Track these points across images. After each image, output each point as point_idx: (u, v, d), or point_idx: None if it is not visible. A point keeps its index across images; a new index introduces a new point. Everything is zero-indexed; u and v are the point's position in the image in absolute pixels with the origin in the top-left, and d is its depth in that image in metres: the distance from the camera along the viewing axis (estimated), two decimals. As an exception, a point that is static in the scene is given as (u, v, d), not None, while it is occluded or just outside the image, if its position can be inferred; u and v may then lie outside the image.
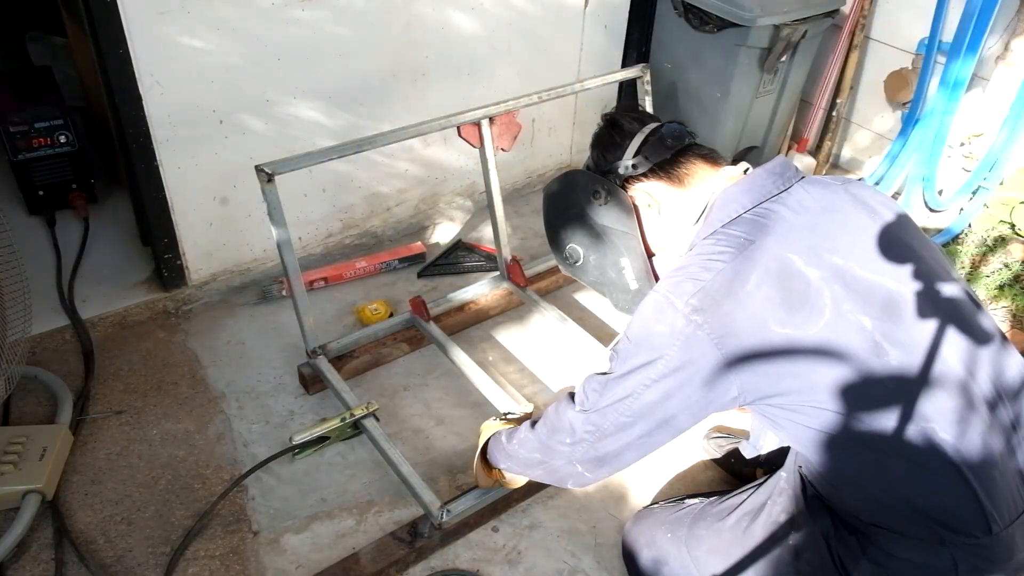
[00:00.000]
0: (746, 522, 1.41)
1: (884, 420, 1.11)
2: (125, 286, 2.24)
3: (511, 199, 2.79)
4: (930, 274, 1.19)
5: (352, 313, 2.27)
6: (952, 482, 1.12)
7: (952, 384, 1.13)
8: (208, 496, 1.72)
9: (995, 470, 1.13)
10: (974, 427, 1.12)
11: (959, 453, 1.11)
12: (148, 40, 1.83)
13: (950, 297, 1.19)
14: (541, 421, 1.38)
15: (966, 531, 1.14)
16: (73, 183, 2.48)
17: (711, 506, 1.51)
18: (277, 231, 1.78)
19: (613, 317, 2.29)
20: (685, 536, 1.47)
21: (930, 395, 1.11)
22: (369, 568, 1.55)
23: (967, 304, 1.21)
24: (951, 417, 1.11)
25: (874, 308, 1.12)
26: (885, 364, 1.11)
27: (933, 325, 1.15)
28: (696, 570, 1.43)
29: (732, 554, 1.38)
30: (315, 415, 1.93)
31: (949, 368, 1.13)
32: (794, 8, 2.42)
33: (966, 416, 1.12)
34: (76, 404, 1.88)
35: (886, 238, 1.20)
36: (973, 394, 1.14)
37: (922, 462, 1.12)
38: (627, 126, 1.37)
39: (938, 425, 1.11)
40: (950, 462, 1.11)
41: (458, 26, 2.33)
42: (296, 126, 2.16)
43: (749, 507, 1.43)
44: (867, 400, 1.12)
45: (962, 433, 1.11)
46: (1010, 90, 2.46)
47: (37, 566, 1.56)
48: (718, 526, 1.45)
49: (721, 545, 1.42)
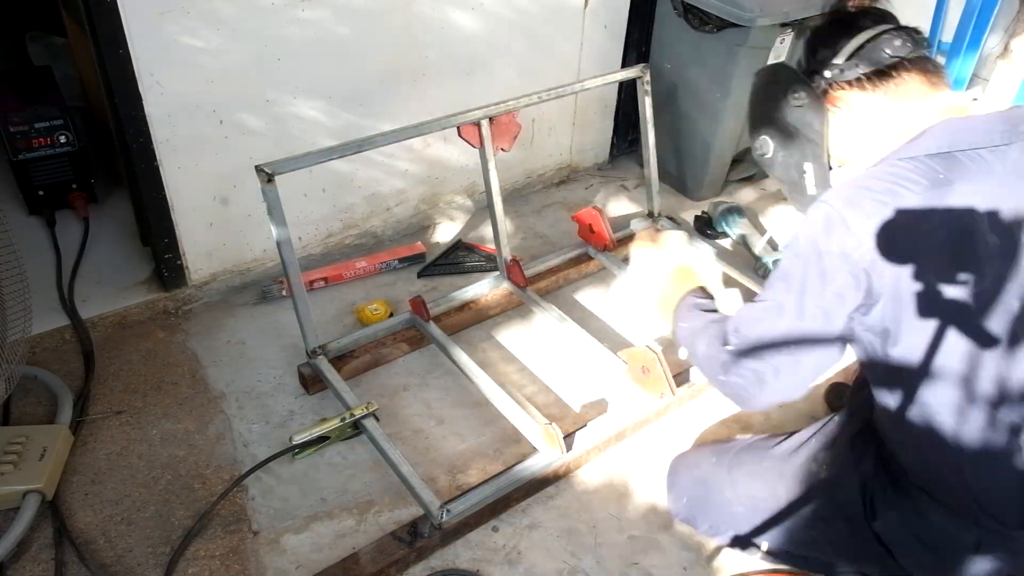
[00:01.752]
0: (788, 452, 1.44)
1: (975, 395, 1.11)
2: (125, 286, 2.24)
3: (511, 199, 2.79)
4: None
5: (352, 313, 2.27)
6: (1009, 471, 1.14)
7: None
8: (208, 496, 1.72)
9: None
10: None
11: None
12: (148, 40, 1.83)
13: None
14: (710, 322, 1.36)
15: (1003, 519, 1.16)
16: (73, 183, 2.48)
17: (761, 441, 1.55)
18: (277, 231, 1.78)
19: (613, 317, 2.29)
20: (729, 461, 1.51)
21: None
22: (369, 568, 1.55)
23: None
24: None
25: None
26: (1003, 347, 1.10)
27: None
28: (732, 489, 1.46)
29: (768, 478, 1.42)
30: (315, 415, 1.93)
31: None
32: (794, 8, 2.42)
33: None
34: (76, 404, 1.88)
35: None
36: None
37: (992, 447, 1.13)
38: (849, 22, 1.28)
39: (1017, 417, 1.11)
40: (1012, 452, 1.13)
41: (458, 26, 2.33)
42: (296, 126, 2.16)
43: (796, 441, 1.46)
44: (970, 372, 1.11)
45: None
46: (1010, 90, 2.46)
47: (37, 566, 1.56)
48: (762, 455, 1.48)
49: (759, 469, 1.45)
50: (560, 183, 2.95)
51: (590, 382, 2.06)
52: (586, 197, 2.87)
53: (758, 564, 1.65)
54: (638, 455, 1.89)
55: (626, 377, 1.98)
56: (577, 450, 1.80)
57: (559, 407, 2.00)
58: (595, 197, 2.88)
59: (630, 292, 1.71)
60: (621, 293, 2.34)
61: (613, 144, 3.03)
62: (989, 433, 1.13)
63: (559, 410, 1.99)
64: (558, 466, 1.78)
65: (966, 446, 1.15)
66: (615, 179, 2.98)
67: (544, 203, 2.83)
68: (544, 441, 1.78)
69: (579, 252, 2.45)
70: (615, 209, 2.81)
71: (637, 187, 2.92)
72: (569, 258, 2.43)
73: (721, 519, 1.55)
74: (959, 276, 1.09)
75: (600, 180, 2.98)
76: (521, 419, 1.84)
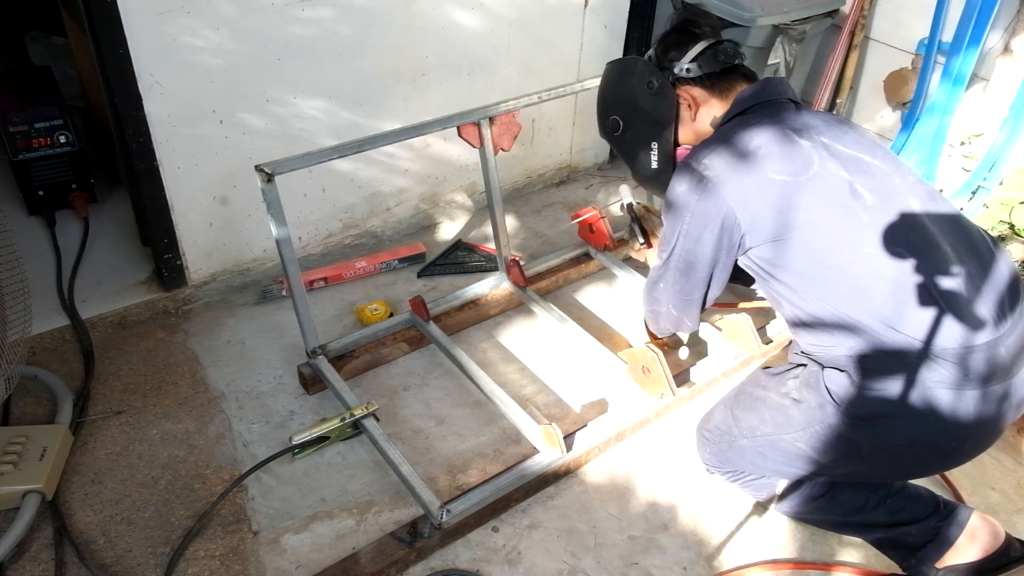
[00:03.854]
0: (769, 376, 1.59)
1: (860, 247, 1.34)
2: (125, 286, 2.24)
3: (511, 199, 2.79)
4: (894, 159, 1.47)
5: (352, 313, 2.27)
6: (912, 296, 1.30)
7: (915, 221, 1.35)
8: (208, 496, 1.72)
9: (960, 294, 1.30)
10: (934, 253, 1.33)
11: (922, 271, 1.30)
12: (148, 40, 1.83)
13: (907, 169, 1.47)
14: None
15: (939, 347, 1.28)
16: (73, 183, 2.48)
17: (752, 375, 1.67)
18: (277, 230, 1.78)
19: (613, 317, 2.29)
20: (731, 401, 1.65)
21: (894, 227, 1.34)
22: (369, 568, 1.55)
23: (921, 182, 1.46)
24: (911, 246, 1.33)
25: (851, 168, 1.39)
26: (861, 203, 1.36)
27: (898, 179, 1.41)
28: (736, 426, 1.60)
29: (757, 406, 1.56)
30: (315, 415, 1.93)
31: (913, 210, 1.36)
32: (794, 8, 2.41)
33: (926, 242, 1.34)
34: (76, 404, 1.89)
35: (861, 135, 1.48)
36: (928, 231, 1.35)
37: (893, 279, 1.32)
38: (694, 32, 1.58)
39: (903, 250, 1.32)
40: (912, 280, 1.31)
41: (458, 26, 2.33)
42: (296, 126, 2.16)
43: (775, 371, 1.60)
44: (845, 231, 1.35)
45: (926, 256, 1.32)
46: (1010, 90, 2.46)
47: (37, 566, 1.56)
48: (751, 388, 1.61)
49: (748, 400, 1.60)
50: (560, 183, 2.95)
51: (590, 382, 2.06)
52: (586, 197, 2.87)
53: (758, 557, 1.65)
54: (638, 455, 1.89)
55: (626, 377, 1.98)
56: (577, 450, 1.80)
57: (559, 407, 2.00)
58: (595, 197, 2.88)
59: None
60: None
61: (613, 144, 3.03)
62: (884, 270, 1.32)
63: (559, 410, 1.99)
64: (558, 466, 1.78)
65: (871, 292, 1.33)
66: (615, 179, 2.98)
67: (544, 203, 2.83)
68: (544, 441, 1.78)
69: (579, 252, 2.44)
70: (615, 209, 2.81)
71: (637, 187, 2.91)
72: (569, 258, 2.43)
73: (733, 459, 1.64)
74: (790, 168, 1.38)
75: (600, 180, 2.98)
76: (521, 419, 1.84)
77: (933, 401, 1.30)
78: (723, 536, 1.72)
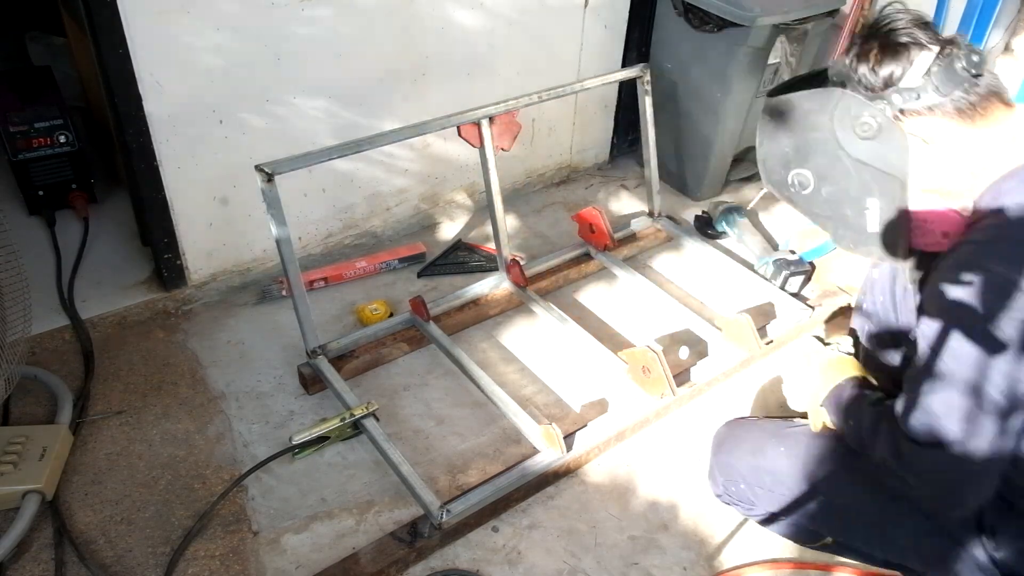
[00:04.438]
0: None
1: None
2: (125, 286, 2.24)
3: (511, 199, 2.79)
4: None
5: (352, 313, 2.27)
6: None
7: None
8: (208, 496, 1.72)
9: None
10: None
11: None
12: (148, 40, 1.83)
13: None
14: (880, 417, 1.27)
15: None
16: (73, 183, 2.48)
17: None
18: (277, 230, 1.78)
19: (613, 317, 2.29)
20: (777, 431, 1.50)
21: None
22: (369, 568, 1.55)
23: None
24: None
25: None
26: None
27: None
28: (764, 457, 1.47)
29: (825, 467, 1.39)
30: (315, 415, 1.93)
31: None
32: (794, 8, 2.41)
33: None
34: (76, 404, 1.88)
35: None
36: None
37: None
38: (908, 38, 1.12)
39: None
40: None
41: (458, 25, 2.33)
42: (296, 125, 2.16)
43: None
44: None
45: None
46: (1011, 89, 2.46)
47: (37, 566, 1.56)
48: (807, 440, 1.45)
49: (812, 454, 1.42)
50: (560, 183, 2.95)
51: (590, 382, 2.06)
52: (586, 197, 2.87)
53: (758, 557, 1.65)
54: (638, 455, 1.89)
55: (626, 377, 1.98)
56: (577, 450, 1.80)
57: (559, 407, 2.00)
58: (595, 197, 2.88)
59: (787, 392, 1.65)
60: None
61: (613, 144, 3.03)
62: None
63: (559, 410, 1.99)
64: (558, 466, 1.78)
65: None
66: (615, 179, 2.98)
67: (544, 203, 2.83)
68: (544, 441, 1.78)
69: (579, 252, 2.44)
70: (615, 209, 2.81)
71: (637, 187, 2.92)
72: (569, 258, 2.43)
73: (763, 494, 1.51)
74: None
75: (600, 180, 2.98)
76: (521, 419, 1.84)
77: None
78: (723, 536, 1.72)
